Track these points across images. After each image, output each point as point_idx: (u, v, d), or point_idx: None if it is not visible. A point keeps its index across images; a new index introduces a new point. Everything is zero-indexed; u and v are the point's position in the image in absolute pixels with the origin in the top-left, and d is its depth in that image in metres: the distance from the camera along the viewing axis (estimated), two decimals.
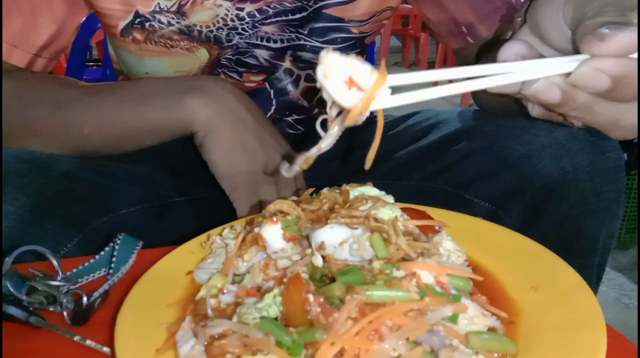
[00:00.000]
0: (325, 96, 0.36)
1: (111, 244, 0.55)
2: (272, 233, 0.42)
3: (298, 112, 0.87)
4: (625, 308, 1.93)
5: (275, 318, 0.36)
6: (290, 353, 0.32)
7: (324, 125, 0.41)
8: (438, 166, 0.72)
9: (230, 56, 0.80)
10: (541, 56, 0.41)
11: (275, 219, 0.43)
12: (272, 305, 0.37)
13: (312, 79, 0.83)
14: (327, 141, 0.40)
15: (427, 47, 5.86)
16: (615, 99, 0.38)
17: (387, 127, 0.89)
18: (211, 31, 0.76)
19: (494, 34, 0.77)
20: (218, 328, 0.36)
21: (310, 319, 0.34)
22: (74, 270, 0.53)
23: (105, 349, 0.41)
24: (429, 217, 0.48)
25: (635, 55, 0.36)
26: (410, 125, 0.85)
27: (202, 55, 0.79)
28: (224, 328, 0.36)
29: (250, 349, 0.34)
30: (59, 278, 0.48)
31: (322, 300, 0.34)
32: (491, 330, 0.38)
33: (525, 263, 0.46)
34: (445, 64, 5.56)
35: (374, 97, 0.35)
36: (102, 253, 0.54)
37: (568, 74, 0.38)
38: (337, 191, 0.48)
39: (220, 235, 0.49)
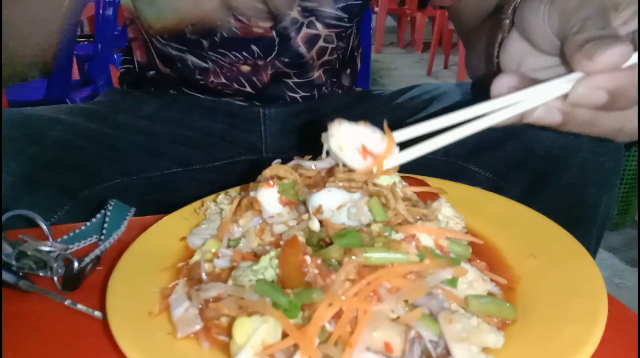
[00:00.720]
0: (339, 161, 0.39)
1: (103, 210, 0.53)
2: (268, 197, 0.41)
3: (297, 63, 0.84)
4: (617, 288, 1.95)
5: (272, 281, 0.35)
6: (287, 315, 0.32)
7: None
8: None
9: None
10: (533, 81, 0.40)
11: (271, 183, 0.42)
12: (268, 268, 0.36)
13: (313, 26, 0.81)
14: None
15: (423, 27, 5.81)
16: (615, 109, 0.38)
17: (386, 100, 0.88)
18: None
19: None
20: (213, 291, 0.36)
21: (307, 281, 0.34)
22: (65, 236, 0.52)
23: (97, 313, 0.40)
24: (427, 185, 0.47)
25: (629, 63, 0.36)
26: (410, 98, 0.84)
27: None
28: (219, 291, 0.36)
29: (246, 311, 0.33)
30: (49, 243, 0.47)
31: (319, 261, 0.33)
32: (490, 295, 0.37)
33: (524, 231, 0.46)
34: (440, 45, 5.54)
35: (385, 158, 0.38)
36: (93, 219, 0.53)
37: (565, 95, 0.37)
38: None
39: (214, 201, 0.48)
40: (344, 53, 0.89)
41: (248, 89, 0.83)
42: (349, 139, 0.36)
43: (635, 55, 0.36)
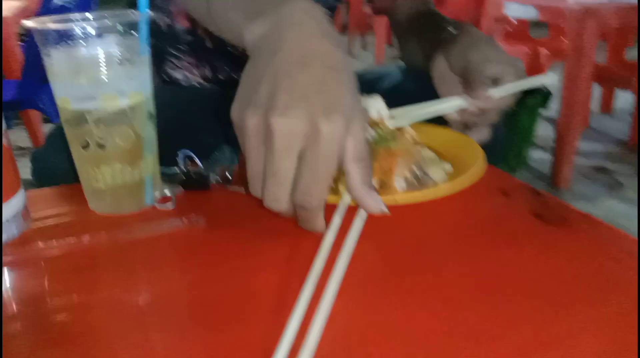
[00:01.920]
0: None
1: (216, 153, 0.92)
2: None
3: None
4: None
5: None
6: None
7: None
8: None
9: None
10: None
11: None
12: None
13: None
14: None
15: (339, 12, 6.22)
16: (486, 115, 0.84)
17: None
18: None
19: None
20: None
21: None
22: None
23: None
24: None
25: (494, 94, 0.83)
26: (368, 78, 1.24)
27: None
28: None
29: None
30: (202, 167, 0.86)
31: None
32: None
33: (450, 141, 0.90)
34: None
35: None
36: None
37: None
38: None
39: None
40: None
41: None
42: (374, 105, 0.79)
43: (497, 91, 0.83)
